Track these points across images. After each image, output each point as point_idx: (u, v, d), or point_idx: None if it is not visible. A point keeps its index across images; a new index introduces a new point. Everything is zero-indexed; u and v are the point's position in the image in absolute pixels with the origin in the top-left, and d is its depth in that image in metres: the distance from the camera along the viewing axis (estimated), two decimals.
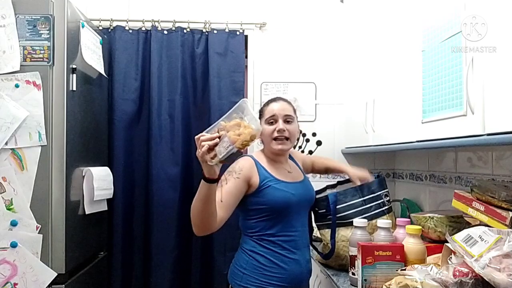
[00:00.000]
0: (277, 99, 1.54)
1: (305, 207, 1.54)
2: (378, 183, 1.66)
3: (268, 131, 1.48)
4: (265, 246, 1.42)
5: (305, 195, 1.51)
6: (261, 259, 1.41)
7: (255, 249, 1.42)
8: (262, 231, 1.42)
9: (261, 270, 1.40)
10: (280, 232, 1.42)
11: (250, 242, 1.44)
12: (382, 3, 1.85)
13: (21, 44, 1.67)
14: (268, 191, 1.41)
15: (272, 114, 1.48)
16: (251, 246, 1.43)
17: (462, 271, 0.95)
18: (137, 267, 2.36)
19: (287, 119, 1.49)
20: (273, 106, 1.50)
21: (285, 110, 1.50)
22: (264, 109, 1.54)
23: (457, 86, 1.19)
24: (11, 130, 1.61)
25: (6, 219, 1.61)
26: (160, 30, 2.40)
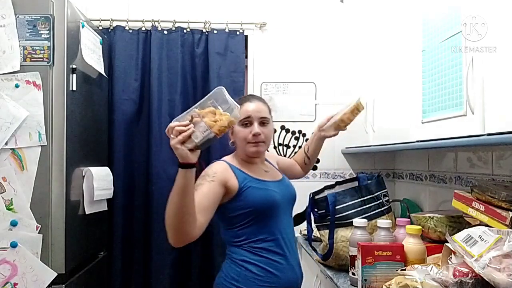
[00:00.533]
0: (252, 99, 1.42)
1: (289, 206, 1.46)
2: (377, 183, 1.66)
3: (242, 134, 1.37)
4: (257, 253, 1.31)
5: (287, 193, 1.43)
6: (255, 268, 1.30)
7: (247, 258, 1.31)
8: (251, 237, 1.32)
9: (256, 281, 1.29)
10: (269, 236, 1.33)
11: (240, 251, 1.33)
12: (382, 3, 1.85)
13: (21, 44, 1.67)
14: (249, 192, 1.31)
15: (247, 116, 1.37)
16: (242, 256, 1.32)
17: (462, 271, 0.95)
18: (137, 267, 2.36)
19: (262, 121, 1.38)
20: (248, 106, 1.38)
21: (261, 112, 1.39)
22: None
23: (457, 86, 1.19)
24: (11, 130, 1.61)
25: (6, 219, 1.61)
26: (160, 30, 2.40)
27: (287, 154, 2.51)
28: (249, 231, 1.32)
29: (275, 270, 1.31)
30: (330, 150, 2.53)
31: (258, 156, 1.44)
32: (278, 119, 2.51)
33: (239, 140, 1.40)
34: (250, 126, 1.37)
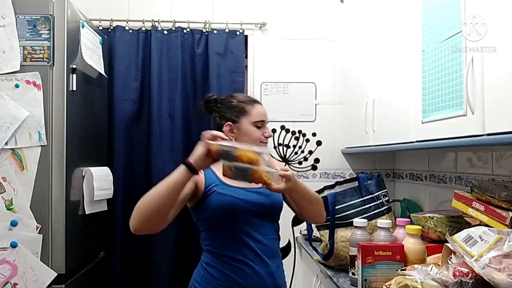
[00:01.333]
0: (259, 102, 1.46)
1: (266, 215, 1.34)
2: (377, 183, 1.66)
3: (257, 134, 1.39)
4: (220, 259, 1.28)
5: (259, 201, 1.32)
6: (216, 272, 1.28)
7: (211, 262, 1.30)
8: (216, 243, 1.30)
9: (216, 284, 1.27)
10: (234, 243, 1.28)
11: (206, 255, 1.32)
12: (382, 3, 1.85)
13: (21, 44, 1.67)
14: (212, 198, 1.28)
15: (262, 119, 1.41)
16: (207, 259, 1.31)
17: (462, 271, 0.95)
18: (137, 267, 2.36)
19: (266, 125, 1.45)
20: (261, 109, 1.43)
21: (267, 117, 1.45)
22: (250, 109, 1.41)
23: (457, 86, 1.19)
24: (11, 130, 1.61)
25: (6, 219, 1.61)
26: (160, 30, 2.40)
27: (287, 154, 2.51)
28: (214, 236, 1.31)
29: (237, 276, 1.26)
30: (330, 150, 2.53)
31: None
32: (278, 119, 2.51)
33: (251, 139, 1.38)
34: (263, 128, 1.41)
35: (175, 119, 2.37)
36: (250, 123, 1.39)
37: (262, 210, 1.32)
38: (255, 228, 1.30)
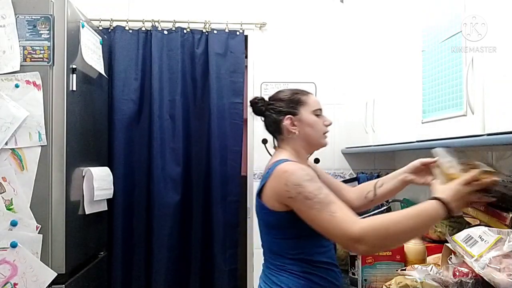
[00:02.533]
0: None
1: None
2: None
3: (319, 124, 1.32)
4: (318, 265, 1.20)
5: None
6: (317, 279, 1.19)
7: (309, 269, 1.19)
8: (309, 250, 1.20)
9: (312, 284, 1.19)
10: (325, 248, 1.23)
11: (300, 263, 1.19)
12: (382, 3, 1.85)
13: (21, 44, 1.67)
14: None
15: (320, 107, 1.33)
16: (304, 268, 1.19)
17: (462, 271, 0.95)
18: (137, 267, 2.36)
19: None
20: (316, 98, 1.36)
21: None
22: (306, 98, 1.33)
23: (457, 86, 1.19)
24: (11, 130, 1.61)
25: (6, 219, 1.61)
26: (160, 30, 2.40)
27: None
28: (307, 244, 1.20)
29: (334, 279, 1.22)
30: (330, 150, 2.53)
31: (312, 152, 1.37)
32: None
33: (315, 131, 1.31)
34: (321, 117, 1.34)
35: (175, 119, 2.37)
36: (310, 113, 1.31)
37: None
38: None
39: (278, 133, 1.33)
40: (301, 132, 1.29)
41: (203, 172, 2.40)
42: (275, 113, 1.32)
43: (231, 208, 2.38)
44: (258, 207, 1.24)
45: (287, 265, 1.20)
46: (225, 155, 2.39)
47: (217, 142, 2.37)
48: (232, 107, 2.43)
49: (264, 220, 1.24)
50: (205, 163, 2.40)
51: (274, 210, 1.16)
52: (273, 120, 1.32)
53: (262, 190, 1.20)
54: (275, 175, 1.15)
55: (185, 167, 2.39)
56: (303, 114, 1.30)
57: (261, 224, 1.27)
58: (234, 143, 2.41)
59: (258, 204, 1.24)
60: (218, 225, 2.35)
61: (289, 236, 1.19)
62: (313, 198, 1.06)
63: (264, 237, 1.27)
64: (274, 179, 1.15)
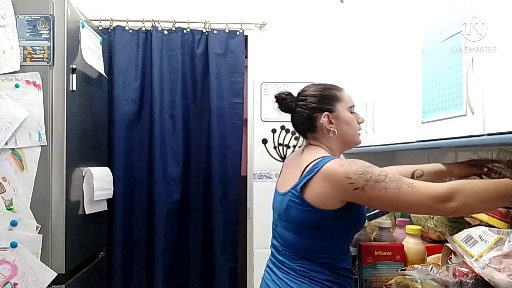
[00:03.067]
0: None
1: None
2: None
3: (355, 121, 1.25)
4: (341, 273, 1.15)
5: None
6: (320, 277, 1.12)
7: (332, 277, 1.13)
8: (340, 256, 1.15)
9: None
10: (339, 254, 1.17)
11: (325, 270, 1.13)
12: (382, 3, 1.85)
13: (21, 44, 1.67)
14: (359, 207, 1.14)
15: (353, 104, 1.26)
16: (327, 276, 1.12)
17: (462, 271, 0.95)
18: (137, 267, 2.36)
19: None
20: (349, 94, 1.28)
21: None
22: (341, 94, 1.26)
23: (457, 86, 1.19)
24: (11, 130, 1.61)
25: (6, 219, 1.61)
26: (160, 30, 2.40)
27: (287, 154, 2.51)
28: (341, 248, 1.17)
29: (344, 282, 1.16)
30: None
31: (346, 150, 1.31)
32: (278, 119, 2.51)
33: (352, 128, 1.24)
34: (355, 114, 1.26)
35: (175, 119, 2.37)
36: (346, 109, 1.23)
37: None
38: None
39: (311, 131, 1.23)
40: (338, 131, 1.21)
41: (203, 172, 2.40)
42: (309, 110, 1.23)
43: (231, 207, 2.38)
44: (292, 205, 1.12)
45: (311, 272, 1.12)
46: (225, 155, 2.39)
47: (217, 142, 2.37)
48: (232, 107, 2.43)
49: (299, 219, 1.12)
50: (205, 163, 2.40)
51: (322, 208, 1.08)
52: (306, 118, 1.22)
53: (305, 187, 1.10)
54: (329, 172, 1.06)
55: (185, 167, 2.39)
56: (340, 111, 1.22)
57: (292, 223, 1.14)
58: (234, 143, 2.41)
59: (292, 202, 1.12)
60: (218, 224, 2.35)
61: (327, 237, 1.12)
62: (384, 179, 1.03)
63: (291, 237, 1.15)
64: (328, 176, 1.06)
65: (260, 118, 2.51)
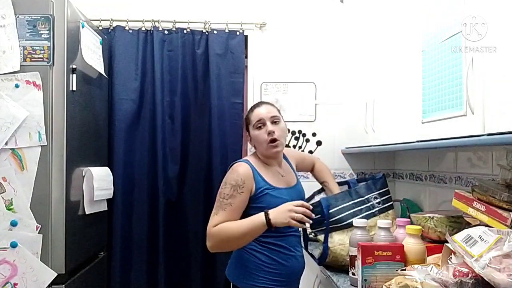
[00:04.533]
0: (260, 104, 1.58)
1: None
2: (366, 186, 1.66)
3: (260, 136, 1.51)
4: (266, 246, 1.48)
5: (297, 198, 1.53)
6: (263, 257, 1.48)
7: (256, 248, 1.48)
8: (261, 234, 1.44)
9: (264, 267, 1.47)
10: (278, 234, 1.48)
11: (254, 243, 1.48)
12: (382, 3, 1.85)
13: (21, 44, 1.67)
14: (265, 198, 1.46)
15: (259, 119, 1.52)
16: (252, 245, 1.48)
17: (462, 271, 0.95)
18: (136, 267, 2.36)
19: (274, 120, 1.53)
20: (259, 111, 1.54)
21: (271, 112, 1.54)
22: (250, 115, 1.57)
23: (457, 86, 1.19)
24: (11, 130, 1.61)
25: (6, 219, 1.61)
26: (160, 30, 2.40)
27: None
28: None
29: (282, 260, 1.49)
30: (330, 150, 2.53)
31: (277, 157, 1.57)
32: None
33: (258, 143, 1.53)
34: (264, 127, 1.51)
35: (175, 119, 2.37)
36: (253, 129, 1.54)
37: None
38: None
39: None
40: (255, 147, 1.56)
41: (203, 171, 2.40)
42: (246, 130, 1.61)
43: None
44: None
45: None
46: (225, 155, 2.39)
47: (217, 141, 2.37)
48: (232, 107, 2.43)
49: None
50: (205, 162, 2.40)
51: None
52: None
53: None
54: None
55: (186, 167, 2.39)
56: (251, 132, 1.55)
57: None
58: (234, 143, 2.41)
59: None
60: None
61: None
62: (219, 198, 1.43)
63: None
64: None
65: None
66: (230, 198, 1.41)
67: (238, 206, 1.42)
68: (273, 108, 1.57)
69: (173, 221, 2.36)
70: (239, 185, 1.42)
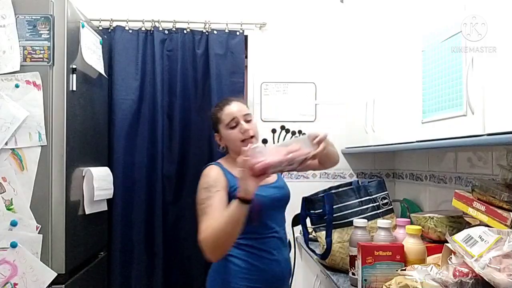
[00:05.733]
0: (230, 101, 1.49)
1: (279, 207, 1.51)
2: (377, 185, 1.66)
3: (234, 135, 1.44)
4: (242, 249, 1.38)
5: (277, 195, 1.47)
6: (239, 262, 1.38)
7: (232, 252, 1.37)
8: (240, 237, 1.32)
9: (240, 273, 1.37)
10: (255, 234, 1.40)
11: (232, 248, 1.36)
12: (382, 3, 1.86)
13: (21, 44, 1.67)
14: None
15: (232, 117, 1.44)
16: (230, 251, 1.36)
17: (462, 271, 0.95)
18: (136, 267, 2.36)
19: (246, 118, 1.45)
20: (231, 109, 1.46)
21: (242, 110, 1.46)
22: (220, 114, 1.47)
23: (457, 86, 1.19)
24: (11, 130, 1.61)
25: (6, 219, 1.61)
26: (160, 30, 2.40)
27: None
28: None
29: (260, 263, 1.39)
30: None
31: None
32: (278, 119, 2.51)
33: (231, 142, 1.46)
34: (237, 126, 1.44)
35: (175, 119, 2.37)
36: (225, 128, 1.46)
37: (279, 203, 1.49)
38: (273, 219, 1.45)
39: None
40: (227, 146, 1.50)
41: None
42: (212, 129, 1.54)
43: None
44: None
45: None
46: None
47: None
48: None
49: None
50: (205, 162, 2.38)
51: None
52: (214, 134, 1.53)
53: None
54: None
55: (186, 167, 2.39)
56: (222, 131, 1.47)
57: None
58: None
59: None
60: None
61: None
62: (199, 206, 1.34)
63: None
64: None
65: (260, 118, 2.51)
66: (208, 200, 1.32)
67: (219, 204, 1.30)
68: (244, 106, 1.50)
69: (173, 221, 2.36)
70: (212, 185, 1.35)
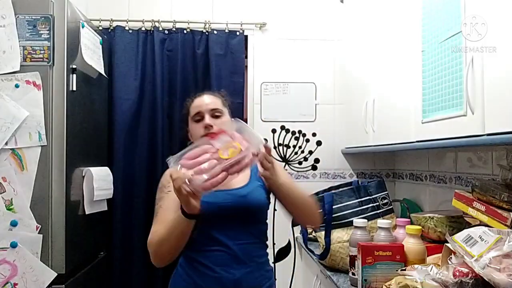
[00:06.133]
0: (203, 94, 1.39)
1: (233, 217, 1.24)
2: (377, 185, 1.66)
3: (196, 130, 1.31)
4: (185, 258, 1.29)
5: (229, 203, 1.24)
6: (182, 271, 1.29)
7: (180, 260, 1.31)
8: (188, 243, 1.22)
9: (180, 280, 1.28)
10: (198, 245, 1.24)
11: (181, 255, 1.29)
12: (382, 3, 1.86)
13: (21, 44, 1.67)
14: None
15: (197, 111, 1.32)
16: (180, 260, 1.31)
17: (462, 271, 0.95)
18: (137, 267, 2.35)
19: (214, 113, 1.32)
20: (198, 101, 1.35)
21: (211, 104, 1.33)
22: (189, 106, 1.37)
23: (457, 86, 1.19)
24: (11, 130, 1.61)
25: (6, 219, 1.61)
26: (160, 30, 2.40)
27: (287, 155, 2.51)
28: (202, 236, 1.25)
29: (197, 277, 1.23)
30: (330, 150, 2.53)
31: None
32: (278, 119, 2.51)
33: (194, 137, 1.33)
34: (203, 120, 1.31)
35: (174, 120, 2.37)
36: (190, 121, 1.35)
37: (231, 212, 1.23)
38: (225, 232, 1.23)
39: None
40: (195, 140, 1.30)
41: None
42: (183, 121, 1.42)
43: None
44: None
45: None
46: None
47: None
48: (232, 107, 2.42)
49: None
50: None
51: None
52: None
53: None
54: None
55: None
56: (190, 124, 1.36)
57: None
58: None
59: None
60: None
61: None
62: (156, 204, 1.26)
63: None
64: None
65: (260, 118, 2.51)
66: (160, 201, 1.24)
67: (169, 206, 1.19)
68: (217, 100, 1.37)
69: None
70: (164, 185, 1.28)
